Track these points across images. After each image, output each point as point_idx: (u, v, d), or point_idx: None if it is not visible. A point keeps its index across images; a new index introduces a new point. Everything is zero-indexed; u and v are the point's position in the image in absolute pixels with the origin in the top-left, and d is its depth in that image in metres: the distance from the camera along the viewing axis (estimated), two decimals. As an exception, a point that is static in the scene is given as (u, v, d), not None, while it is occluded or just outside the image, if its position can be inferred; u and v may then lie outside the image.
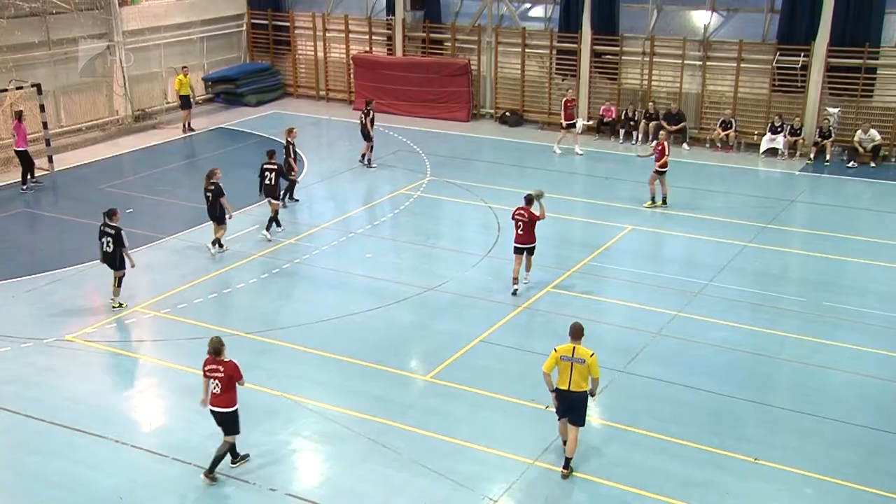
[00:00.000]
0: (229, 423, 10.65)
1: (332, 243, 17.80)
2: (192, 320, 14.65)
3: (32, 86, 22.29)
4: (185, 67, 26.55)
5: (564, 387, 10.56)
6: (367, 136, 22.71)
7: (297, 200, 20.10)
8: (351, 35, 29.61)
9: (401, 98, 28.10)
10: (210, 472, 10.63)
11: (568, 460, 10.73)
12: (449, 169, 22.68)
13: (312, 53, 30.34)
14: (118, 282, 14.92)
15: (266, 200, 18.20)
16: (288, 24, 30.48)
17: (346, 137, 25.78)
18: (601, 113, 25.91)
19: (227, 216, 17.01)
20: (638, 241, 18.04)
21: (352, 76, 29.57)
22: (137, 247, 17.30)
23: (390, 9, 28.73)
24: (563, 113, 24.16)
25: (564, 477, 10.66)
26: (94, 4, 25.35)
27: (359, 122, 22.85)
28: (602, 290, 15.66)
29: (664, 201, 19.71)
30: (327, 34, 29.96)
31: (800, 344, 13.87)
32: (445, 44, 28.49)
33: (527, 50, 26.92)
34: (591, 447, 11.30)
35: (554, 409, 10.90)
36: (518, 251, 15.50)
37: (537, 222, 15.43)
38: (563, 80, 26.60)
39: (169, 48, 28.14)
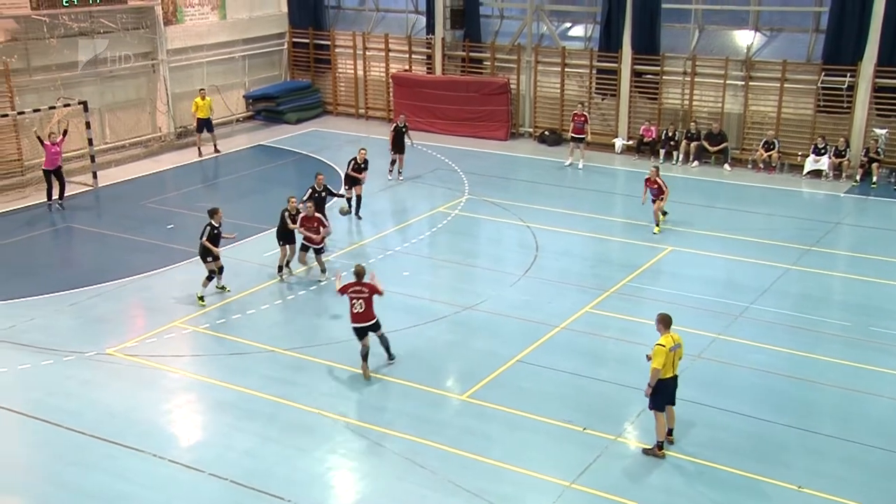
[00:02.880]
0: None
1: (370, 261, 17.91)
2: (230, 336, 14.83)
3: (79, 103, 22.81)
4: (202, 90, 26.58)
5: (671, 374, 11.24)
6: (399, 148, 23.06)
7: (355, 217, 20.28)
8: (391, 54, 29.90)
9: (440, 116, 28.29)
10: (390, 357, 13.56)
11: (671, 429, 11.62)
12: (487, 187, 22.74)
13: (352, 72, 30.69)
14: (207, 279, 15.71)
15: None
16: (329, 42, 30.88)
17: (385, 156, 25.96)
18: (641, 133, 25.84)
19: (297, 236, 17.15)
20: (678, 263, 17.91)
21: (391, 95, 29.84)
22: (176, 262, 17.62)
23: (430, 28, 28.99)
24: (571, 126, 24.60)
25: (671, 443, 11.55)
26: (140, 24, 25.94)
27: (392, 133, 23.25)
28: (641, 312, 15.55)
29: (663, 215, 19.52)
30: (367, 53, 30.29)
31: (843, 369, 13.64)
32: (485, 63, 28.64)
33: (566, 69, 26.96)
34: (629, 471, 11.21)
35: (650, 406, 11.35)
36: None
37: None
38: (602, 99, 26.60)
39: (211, 66, 28.64)
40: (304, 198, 17.65)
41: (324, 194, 17.99)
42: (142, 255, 18.39)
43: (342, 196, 19.62)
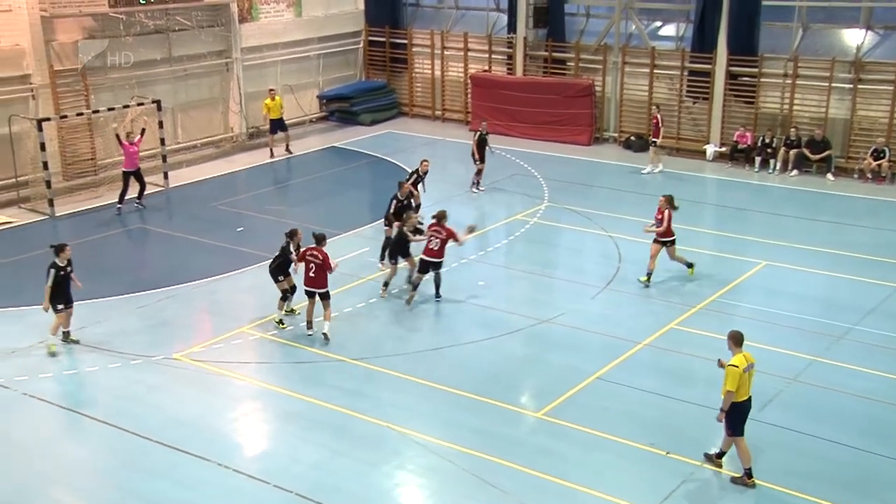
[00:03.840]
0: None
1: (444, 269, 18.01)
2: (298, 344, 15.11)
3: (153, 102, 23.59)
4: (272, 90, 27.05)
5: (745, 396, 11.02)
6: (482, 158, 22.88)
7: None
8: (470, 53, 30.06)
9: (519, 119, 28.28)
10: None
11: (723, 452, 11.50)
12: (568, 195, 22.64)
13: (429, 72, 30.96)
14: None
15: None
16: (406, 41, 31.23)
17: (461, 160, 26.10)
18: (735, 139, 25.35)
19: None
20: (773, 278, 17.51)
21: (469, 96, 29.98)
22: (246, 266, 18.04)
23: (512, 27, 29.04)
24: (652, 129, 24.57)
25: (719, 466, 11.44)
26: (215, 21, 26.71)
27: (475, 141, 22.96)
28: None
29: (690, 266, 17.27)
30: (445, 52, 30.52)
31: (957, 399, 13.13)
32: (568, 63, 28.55)
33: (655, 71, 26.67)
34: (715, 500, 11.00)
35: (727, 429, 11.19)
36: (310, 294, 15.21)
37: None
38: (693, 103, 26.22)
39: (285, 65, 29.26)
40: (409, 181, 18.66)
41: (406, 201, 17.90)
42: (211, 257, 18.89)
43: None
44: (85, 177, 23.44)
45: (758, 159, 24.80)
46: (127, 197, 21.80)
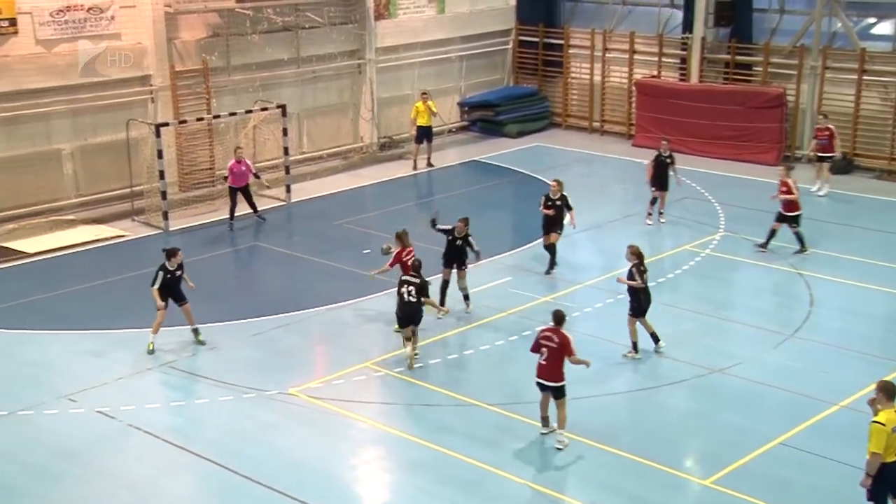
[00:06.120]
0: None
1: (597, 305, 17.87)
2: (426, 383, 15.26)
3: (277, 107, 24.48)
4: (424, 93, 27.54)
5: (894, 458, 10.63)
6: (661, 184, 22.17)
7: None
8: (636, 56, 29.87)
9: (692, 133, 27.85)
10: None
11: None
12: (749, 224, 22.08)
13: (587, 77, 30.92)
14: (415, 337, 15.86)
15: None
16: (561, 42, 31.31)
17: (620, 178, 25.88)
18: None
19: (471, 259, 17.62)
20: None
21: (633, 106, 29.74)
22: (372, 294, 18.38)
23: (687, 25, 28.70)
24: (812, 143, 24.30)
25: None
26: (348, 18, 27.54)
27: (653, 163, 22.26)
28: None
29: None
30: (607, 55, 30.43)
31: None
32: (755, 68, 27.98)
33: (865, 77, 25.76)
34: None
35: (869, 500, 10.83)
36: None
37: None
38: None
39: (423, 68, 29.82)
40: (541, 207, 19.18)
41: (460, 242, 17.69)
42: (333, 282, 19.37)
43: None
44: (201, 188, 24.52)
45: None
46: (237, 214, 22.69)
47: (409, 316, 15.70)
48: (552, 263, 19.49)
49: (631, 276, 15.85)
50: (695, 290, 18.91)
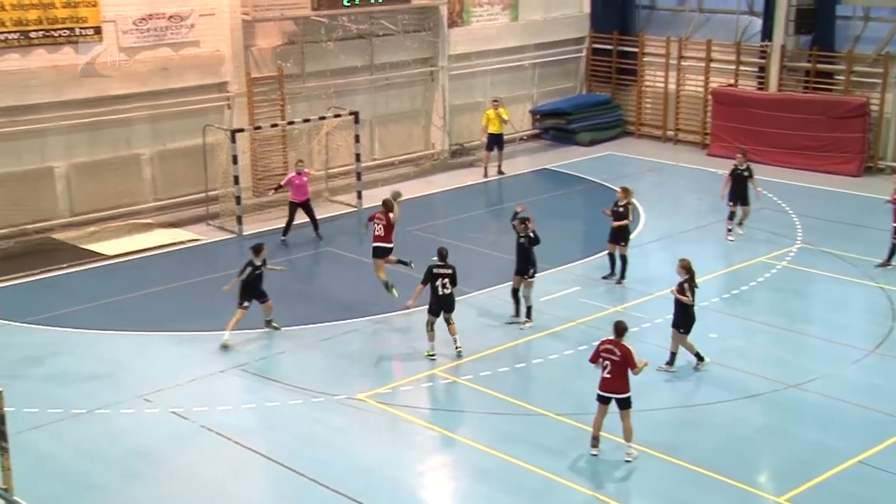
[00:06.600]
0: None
1: (667, 316, 17.59)
2: (494, 392, 15.25)
3: (350, 114, 24.73)
4: (495, 101, 27.51)
5: None
6: (741, 198, 21.68)
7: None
8: (712, 64, 29.55)
9: (770, 143, 27.46)
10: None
11: None
12: (827, 236, 21.72)
13: (662, 85, 30.67)
14: (452, 326, 16.34)
15: None
16: (636, 49, 31.11)
17: (693, 188, 25.59)
18: None
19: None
20: None
21: (709, 115, 29.42)
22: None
23: (767, 33, 28.32)
24: None
25: None
26: (422, 26, 27.73)
27: (730, 177, 21.75)
28: None
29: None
30: (683, 63, 30.15)
31: None
32: (837, 77, 27.52)
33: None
34: None
35: None
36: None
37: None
38: None
39: (496, 75, 29.88)
40: (606, 211, 19.58)
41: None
42: (404, 289, 19.42)
43: None
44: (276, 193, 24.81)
45: None
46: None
47: (444, 305, 16.24)
48: (622, 274, 19.37)
49: (681, 291, 15.61)
50: (770, 303, 18.64)
